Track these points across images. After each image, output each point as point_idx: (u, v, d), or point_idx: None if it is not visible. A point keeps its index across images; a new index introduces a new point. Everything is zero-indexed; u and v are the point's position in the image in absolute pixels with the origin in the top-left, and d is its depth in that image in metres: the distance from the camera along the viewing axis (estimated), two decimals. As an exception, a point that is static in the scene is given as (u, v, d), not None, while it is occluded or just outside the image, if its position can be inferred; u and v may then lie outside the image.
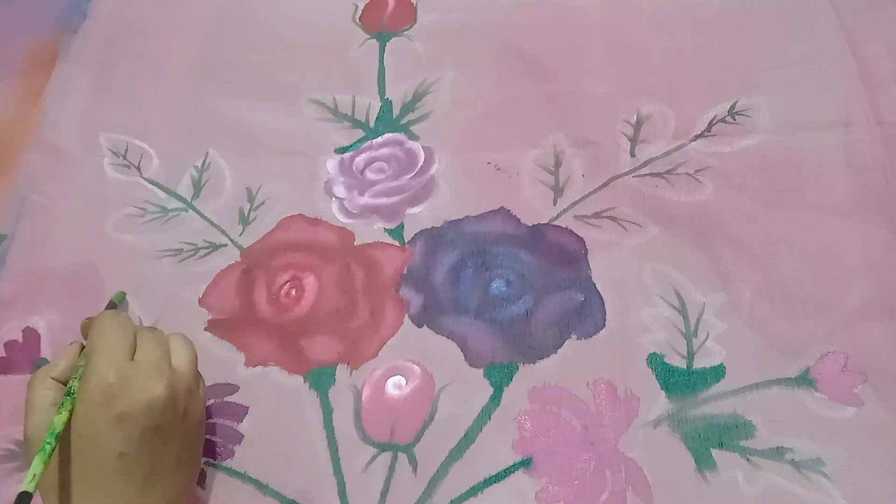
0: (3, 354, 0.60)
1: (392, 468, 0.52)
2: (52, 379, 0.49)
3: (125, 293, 0.61)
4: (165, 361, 0.48)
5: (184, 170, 0.67)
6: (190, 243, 0.63)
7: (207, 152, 0.68)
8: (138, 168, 0.68)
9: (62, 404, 0.45)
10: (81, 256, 0.63)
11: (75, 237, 0.65)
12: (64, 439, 0.45)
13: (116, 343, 0.47)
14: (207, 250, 0.63)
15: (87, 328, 0.51)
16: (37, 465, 0.42)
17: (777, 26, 0.66)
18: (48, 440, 0.43)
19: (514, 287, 0.57)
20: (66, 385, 0.48)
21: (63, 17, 0.79)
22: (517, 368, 0.54)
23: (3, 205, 0.67)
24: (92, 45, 0.77)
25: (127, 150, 0.69)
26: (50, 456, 0.43)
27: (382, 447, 0.53)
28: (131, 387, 0.44)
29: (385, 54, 0.71)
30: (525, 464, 0.51)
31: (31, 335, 0.60)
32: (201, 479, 0.53)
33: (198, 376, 0.50)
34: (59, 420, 0.44)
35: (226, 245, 0.63)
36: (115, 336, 0.47)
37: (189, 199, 0.65)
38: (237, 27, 0.76)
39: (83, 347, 0.51)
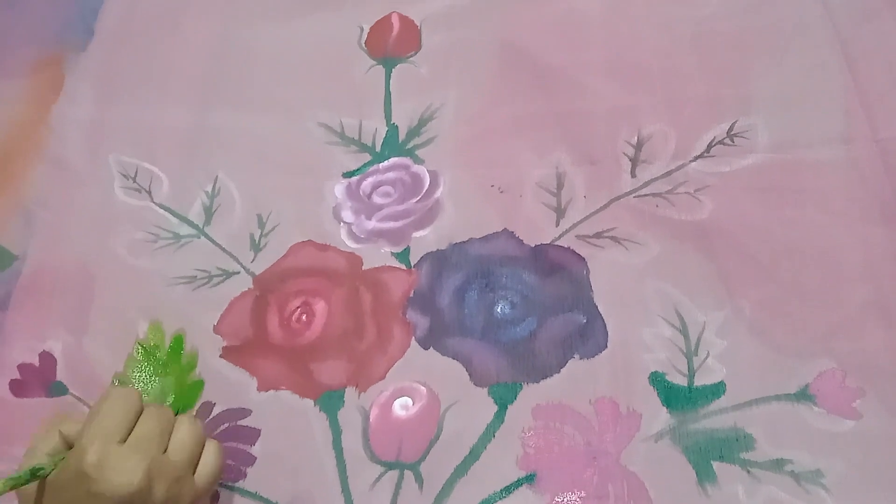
0: (18, 377, 0.61)
1: (399, 485, 0.53)
2: (61, 432, 0.49)
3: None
4: (155, 445, 0.47)
5: (194, 195, 0.68)
6: (203, 270, 0.64)
7: (217, 176, 0.69)
8: (149, 192, 0.69)
9: (17, 477, 0.45)
10: (95, 279, 0.64)
11: (86, 258, 0.65)
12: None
13: (109, 420, 0.46)
14: (221, 278, 0.63)
15: None
16: None
17: (774, 41, 0.66)
18: None
19: (518, 309, 0.58)
20: (68, 446, 0.49)
21: (67, 30, 0.80)
22: (521, 387, 0.55)
23: (12, 223, 0.68)
24: (99, 60, 0.78)
25: (137, 174, 0.70)
26: None
27: (389, 465, 0.53)
28: (106, 471, 0.44)
29: (391, 80, 0.72)
30: (529, 479, 0.52)
31: (47, 359, 0.61)
32: (214, 500, 0.54)
33: (194, 463, 0.49)
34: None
35: (238, 272, 0.63)
36: (110, 413, 0.47)
37: (201, 226, 0.66)
38: (243, 48, 0.77)
39: None
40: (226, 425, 0.57)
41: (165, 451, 0.48)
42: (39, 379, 0.61)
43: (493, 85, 0.70)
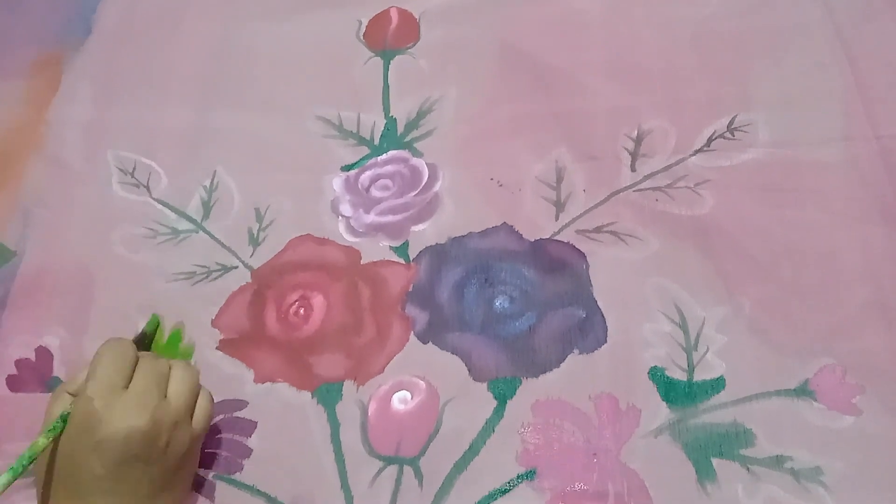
0: (15, 372, 0.60)
1: (398, 481, 0.52)
2: (69, 394, 0.50)
3: (158, 320, 0.61)
4: (156, 392, 0.49)
5: (192, 189, 0.68)
6: (202, 266, 0.64)
7: (215, 171, 0.68)
8: (147, 187, 0.68)
9: (52, 427, 0.47)
10: (93, 276, 0.64)
11: (84, 254, 0.65)
12: (54, 454, 0.48)
13: (110, 370, 0.48)
14: (219, 272, 0.63)
15: None
16: (3, 478, 0.44)
17: (774, 41, 0.67)
18: (22, 459, 0.46)
19: (517, 303, 0.58)
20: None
21: (66, 29, 0.80)
22: (520, 382, 0.55)
23: (10, 219, 0.68)
24: (96, 58, 0.77)
25: (135, 169, 0.70)
26: (19, 474, 0.45)
27: (389, 460, 0.53)
28: (113, 416, 0.46)
29: (389, 72, 0.72)
30: (529, 476, 0.52)
31: (44, 354, 0.61)
32: (210, 493, 0.54)
33: (190, 409, 0.51)
34: (41, 443, 0.46)
35: (237, 267, 0.63)
36: (111, 364, 0.49)
37: (199, 221, 0.66)
38: (241, 43, 0.77)
39: None
40: (221, 416, 0.56)
41: (165, 396, 0.50)
42: (36, 374, 0.60)
43: (493, 85, 0.70)
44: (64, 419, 0.48)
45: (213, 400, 0.53)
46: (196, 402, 0.52)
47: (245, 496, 0.53)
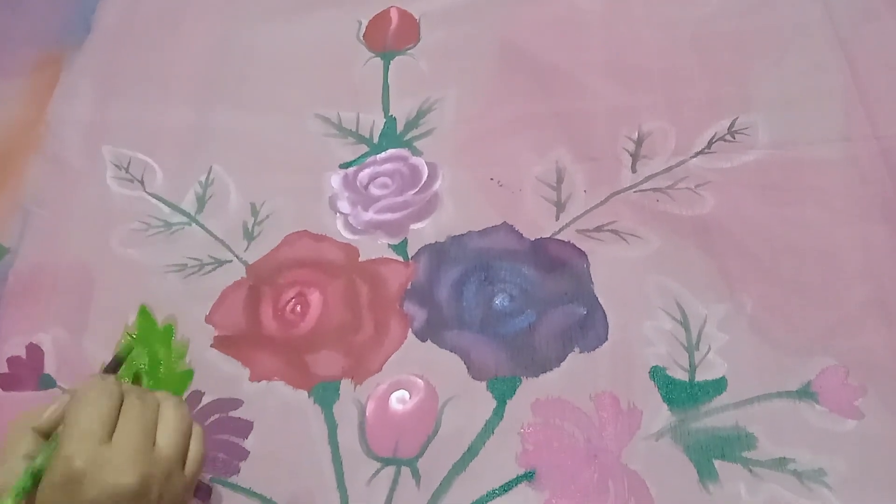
0: (6, 371, 0.60)
1: (395, 482, 0.52)
2: (33, 429, 0.46)
3: (133, 343, 0.59)
4: (144, 444, 0.44)
5: (188, 185, 0.68)
6: (195, 259, 0.63)
7: (211, 167, 0.68)
8: (142, 182, 0.68)
9: (21, 489, 0.43)
10: (86, 271, 0.64)
11: (80, 251, 0.65)
12: None
13: (93, 421, 0.43)
14: (213, 266, 0.63)
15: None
16: None
17: (774, 41, 0.67)
18: None
19: (516, 301, 0.58)
20: (45, 437, 0.46)
21: (67, 29, 0.80)
22: (520, 382, 0.55)
23: (7, 217, 0.68)
24: (96, 57, 0.78)
25: (130, 164, 0.69)
26: None
27: (386, 461, 0.53)
28: (99, 475, 0.42)
29: (389, 73, 0.72)
30: (528, 476, 0.51)
31: (34, 352, 0.60)
32: (206, 495, 0.53)
33: (183, 455, 0.47)
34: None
35: (231, 261, 0.63)
36: (93, 412, 0.44)
37: (193, 214, 0.66)
38: (241, 43, 0.77)
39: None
40: (216, 416, 0.56)
41: (154, 442, 0.45)
42: (28, 372, 0.60)
43: (493, 84, 0.70)
44: (34, 474, 0.43)
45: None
46: (188, 445, 0.48)
47: (241, 498, 0.53)
